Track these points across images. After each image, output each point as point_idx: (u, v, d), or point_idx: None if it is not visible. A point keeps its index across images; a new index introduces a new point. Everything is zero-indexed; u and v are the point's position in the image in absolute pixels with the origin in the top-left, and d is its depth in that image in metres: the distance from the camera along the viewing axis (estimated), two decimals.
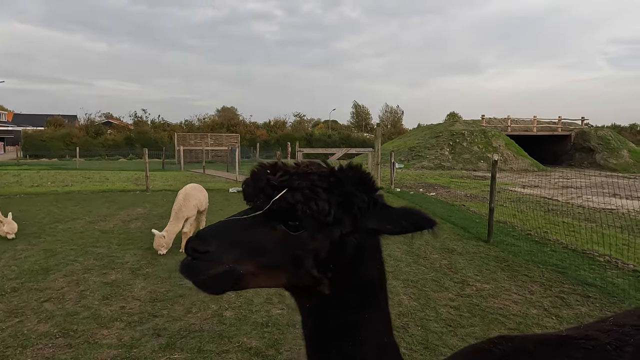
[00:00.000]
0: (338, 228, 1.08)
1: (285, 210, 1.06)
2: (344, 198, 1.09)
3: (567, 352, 1.22)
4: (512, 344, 1.24)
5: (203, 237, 1.07)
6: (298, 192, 1.06)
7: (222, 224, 1.12)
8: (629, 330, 1.33)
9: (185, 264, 1.06)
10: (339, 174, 1.12)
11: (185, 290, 5.32)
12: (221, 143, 44.05)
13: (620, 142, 35.24)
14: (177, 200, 7.23)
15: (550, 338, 1.29)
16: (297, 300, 1.21)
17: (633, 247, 7.57)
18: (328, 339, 1.15)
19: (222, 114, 72.56)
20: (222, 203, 12.95)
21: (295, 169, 1.13)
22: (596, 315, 4.68)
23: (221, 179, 21.68)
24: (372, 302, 1.17)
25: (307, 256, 1.07)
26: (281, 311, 4.70)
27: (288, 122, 74.43)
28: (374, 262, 1.18)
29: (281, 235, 1.08)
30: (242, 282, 1.07)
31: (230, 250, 1.06)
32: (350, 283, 1.13)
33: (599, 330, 1.36)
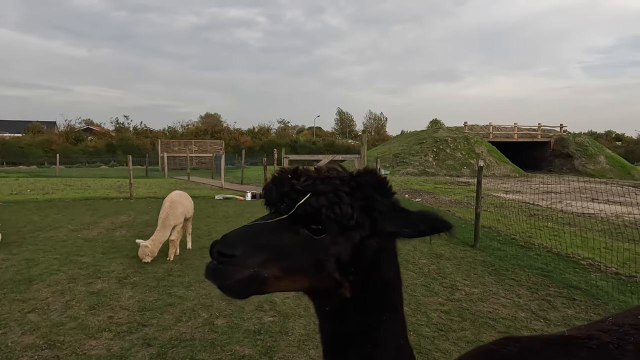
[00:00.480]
0: (359, 231, 1.10)
1: (309, 214, 1.07)
2: (365, 202, 1.11)
3: (572, 351, 1.26)
4: (519, 345, 1.27)
5: (230, 241, 1.07)
6: (322, 197, 1.07)
7: (247, 228, 1.13)
8: (628, 330, 1.37)
9: (212, 268, 1.06)
10: (360, 178, 1.14)
11: (175, 299, 5.25)
12: (205, 150, 43.70)
13: (597, 148, 36.24)
14: (164, 208, 7.13)
15: (555, 338, 1.33)
16: (316, 303, 1.21)
17: (614, 250, 7.79)
18: (347, 343, 1.16)
19: (206, 121, 72.13)
20: (208, 210, 12.83)
21: (317, 174, 1.15)
22: (582, 317, 4.79)
23: (206, 186, 21.49)
24: (390, 305, 1.19)
25: (330, 259, 1.09)
26: (273, 318, 4.68)
27: (272, 128, 74.54)
28: (392, 264, 1.20)
29: (304, 239, 1.09)
30: (266, 285, 1.08)
31: (256, 255, 1.06)
32: (370, 286, 1.15)
33: (600, 330, 1.40)
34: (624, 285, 5.93)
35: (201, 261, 6.99)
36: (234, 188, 20.02)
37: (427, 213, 1.13)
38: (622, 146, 62.04)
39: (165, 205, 7.16)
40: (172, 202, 7.20)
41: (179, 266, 6.70)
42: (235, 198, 15.90)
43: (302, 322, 4.59)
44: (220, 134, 60.22)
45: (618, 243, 8.49)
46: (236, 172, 30.47)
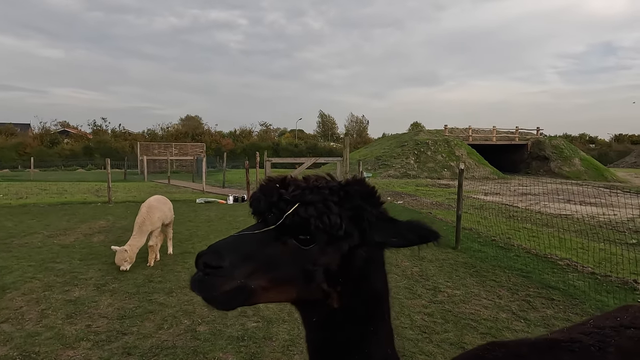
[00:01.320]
0: (347, 241, 1.09)
1: (298, 224, 1.06)
2: (354, 212, 1.10)
3: (557, 354, 1.28)
4: (505, 349, 1.29)
5: (216, 252, 1.05)
6: (311, 207, 1.06)
7: (234, 239, 1.11)
8: (609, 332, 1.40)
9: (197, 280, 1.04)
10: (349, 187, 1.14)
11: (156, 306, 5.15)
12: (186, 152, 43.15)
13: (572, 150, 37.26)
14: (141, 213, 6.96)
15: (540, 342, 1.35)
16: (304, 314, 1.20)
17: (589, 250, 8.00)
18: (334, 353, 1.15)
19: (187, 123, 71.29)
20: (189, 214, 12.65)
21: (305, 183, 1.14)
22: (561, 317, 4.90)
23: (187, 190, 21.20)
24: (378, 314, 1.19)
25: (318, 270, 1.08)
26: (257, 324, 4.63)
27: (254, 131, 74.18)
28: (380, 274, 1.19)
29: (292, 250, 1.08)
30: (254, 297, 1.07)
31: (243, 265, 1.05)
32: (359, 296, 1.14)
33: (582, 333, 1.43)
34: (599, 284, 6.09)
35: (182, 266, 6.88)
36: (216, 191, 19.81)
37: (415, 222, 1.12)
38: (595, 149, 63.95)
39: (142, 210, 7.00)
40: (149, 207, 7.04)
41: (159, 272, 6.58)
42: (217, 202, 15.73)
43: (286, 327, 4.56)
44: (201, 137, 59.55)
45: (593, 243, 8.74)
46: (218, 175, 30.18)
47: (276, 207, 1.09)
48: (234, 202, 15.54)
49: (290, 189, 1.12)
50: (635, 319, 1.46)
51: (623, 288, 5.93)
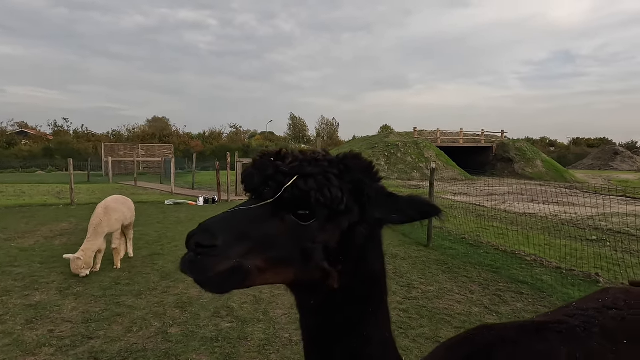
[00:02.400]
0: (347, 218, 1.03)
1: (297, 198, 1.00)
2: (354, 185, 1.05)
3: (545, 336, 1.28)
4: (495, 332, 1.28)
5: (209, 230, 0.97)
6: (311, 179, 1.00)
7: (227, 215, 1.03)
8: (592, 314, 1.42)
9: (189, 261, 0.95)
10: (348, 161, 1.08)
11: (124, 309, 4.94)
12: (154, 154, 42.02)
13: (535, 153, 38.74)
14: (96, 214, 6.49)
15: (528, 324, 1.35)
16: (300, 297, 1.14)
17: (554, 247, 8.30)
18: (332, 338, 1.09)
19: (153, 125, 69.55)
20: (158, 216, 12.29)
21: (302, 155, 1.08)
22: (530, 310, 5.03)
23: (155, 191, 20.62)
24: (377, 296, 1.14)
25: (317, 248, 1.02)
26: (231, 324, 4.51)
27: (224, 133, 73.29)
28: (378, 253, 1.15)
29: (290, 226, 1.01)
30: (249, 278, 0.99)
31: (238, 244, 0.97)
32: (358, 277, 1.09)
33: (567, 315, 1.44)
34: (564, 278, 6.31)
35: (152, 268, 6.65)
36: (185, 193, 19.36)
37: (415, 198, 1.08)
38: (555, 151, 66.84)
39: (98, 211, 6.54)
40: (106, 207, 6.61)
41: (127, 274, 6.33)
42: (186, 203, 15.37)
43: (262, 326, 4.47)
44: (169, 138, 58.24)
45: (557, 240, 9.07)
46: (187, 177, 29.52)
47: (273, 180, 1.02)
48: (205, 204, 15.23)
49: (287, 161, 1.05)
50: (616, 300, 1.49)
51: (586, 281, 6.17)
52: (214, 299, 5.22)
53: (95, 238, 6.33)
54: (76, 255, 6.08)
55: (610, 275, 6.46)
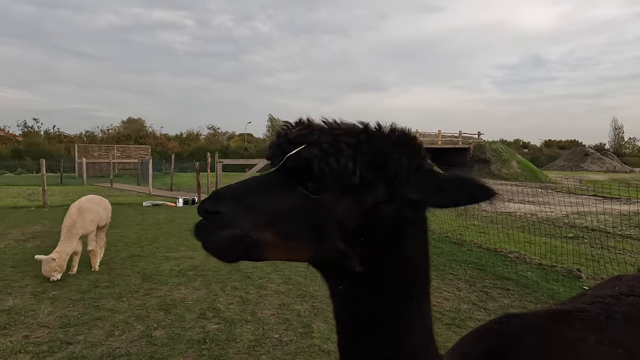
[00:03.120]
0: (369, 194, 0.93)
1: (301, 167, 0.92)
2: (374, 158, 0.94)
3: (570, 323, 1.25)
4: (521, 321, 1.24)
5: (216, 197, 0.96)
6: (315, 147, 0.92)
7: (238, 184, 1.00)
8: (611, 301, 1.40)
9: (198, 225, 0.95)
10: (374, 131, 0.98)
11: (104, 312, 4.73)
12: (130, 155, 41.03)
13: (510, 154, 39.67)
14: (69, 215, 6.14)
15: (552, 312, 1.32)
16: (327, 280, 1.05)
17: (534, 244, 8.46)
18: (370, 329, 1.00)
19: (129, 126, 67.98)
20: (136, 217, 11.95)
21: (321, 125, 1.00)
22: (517, 305, 5.08)
23: (132, 193, 20.11)
24: (420, 285, 1.03)
25: (330, 225, 0.92)
26: (218, 325, 4.38)
27: (202, 134, 72.33)
28: (419, 240, 1.03)
29: (301, 199, 0.94)
30: (259, 251, 0.94)
31: (243, 213, 0.93)
32: (390, 263, 0.99)
33: (586, 303, 1.41)
34: (547, 274, 6.42)
35: (132, 270, 6.43)
36: (164, 194, 18.95)
37: (465, 178, 0.95)
38: (528, 153, 68.62)
39: (71, 211, 6.19)
40: (79, 208, 6.27)
41: (106, 277, 6.09)
42: (165, 204, 15.02)
43: (250, 327, 4.35)
44: (146, 139, 57.03)
45: (537, 237, 9.25)
46: (164, 179, 28.93)
47: (281, 149, 0.97)
48: (185, 205, 14.92)
49: (297, 129, 0.99)
50: (632, 287, 1.47)
51: (569, 277, 6.29)
52: (198, 301, 5.07)
53: (69, 240, 5.99)
54: (50, 256, 5.75)
55: (591, 270, 6.60)
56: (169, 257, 7.27)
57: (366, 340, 1.00)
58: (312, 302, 5.05)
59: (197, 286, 5.66)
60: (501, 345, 1.16)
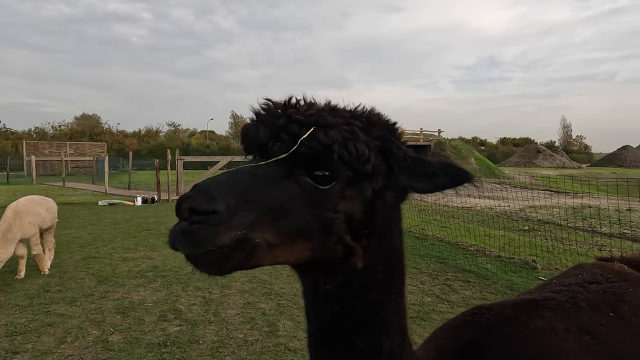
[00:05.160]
0: (371, 182, 0.87)
1: (316, 153, 0.82)
2: (381, 143, 0.88)
3: (541, 313, 1.25)
4: (493, 312, 1.23)
5: (207, 192, 0.76)
6: (334, 130, 0.82)
7: (228, 176, 0.83)
8: (576, 289, 1.42)
9: (182, 231, 0.75)
10: (370, 114, 0.92)
11: (55, 318, 4.45)
12: (84, 153, 39.19)
13: (469, 151, 41.06)
14: (4, 218, 5.62)
15: (521, 302, 1.32)
16: (312, 281, 0.95)
17: (492, 237, 8.74)
18: (351, 329, 0.93)
19: (83, 122, 64.94)
20: (91, 217, 11.39)
21: (317, 105, 0.91)
22: (478, 297, 5.21)
23: (87, 192, 19.19)
24: (399, 278, 1.00)
25: (339, 219, 0.84)
26: (180, 327, 4.21)
27: (161, 131, 70.22)
28: (399, 228, 0.99)
29: (307, 191, 0.84)
30: (256, 256, 0.79)
31: (244, 211, 0.77)
32: (381, 255, 0.93)
33: (552, 292, 1.43)
34: (506, 266, 6.64)
35: (86, 272, 6.09)
36: (121, 193, 18.19)
37: (449, 162, 0.93)
38: (485, 150, 71.29)
39: (7, 214, 5.67)
40: (16, 210, 5.76)
41: (57, 280, 5.74)
42: (122, 203, 14.41)
43: (213, 328, 4.21)
44: (101, 136, 54.68)
45: (495, 231, 9.58)
46: (122, 177, 27.82)
47: (285, 131, 0.84)
48: (144, 204, 14.37)
49: (303, 109, 0.87)
50: (594, 275, 1.50)
51: (525, 267, 6.53)
52: (158, 302, 4.87)
53: (4, 246, 5.45)
54: None
55: (545, 261, 6.90)
56: (126, 258, 6.96)
57: (345, 340, 0.94)
58: (278, 300, 4.97)
59: (157, 287, 5.44)
60: (476, 338, 1.14)
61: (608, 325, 1.26)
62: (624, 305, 1.35)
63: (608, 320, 1.28)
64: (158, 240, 8.28)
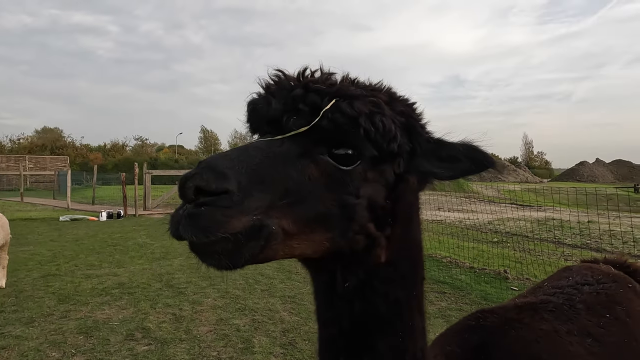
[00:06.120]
0: (393, 165, 0.78)
1: (339, 128, 0.72)
2: (406, 120, 0.80)
3: (542, 315, 1.24)
4: (497, 315, 1.19)
5: (215, 169, 0.64)
6: (359, 101, 0.73)
7: (239, 151, 0.71)
8: (570, 291, 1.41)
9: (189, 215, 0.63)
10: (390, 90, 0.84)
11: (11, 340, 4.11)
12: (45, 167, 37.54)
13: None
14: None
15: (522, 305, 1.29)
16: (329, 279, 0.84)
17: (464, 249, 8.87)
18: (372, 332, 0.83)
19: (44, 136, 62.52)
20: (51, 233, 10.81)
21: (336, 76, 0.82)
22: (454, 307, 5.22)
23: (47, 207, 18.28)
24: (420, 274, 0.91)
25: (361, 204, 0.75)
26: (148, 347, 3.98)
27: (128, 145, 68.43)
28: (419, 218, 0.91)
29: (326, 172, 0.74)
30: (272, 246, 0.68)
31: (258, 193, 0.66)
32: (405, 247, 0.85)
33: (547, 294, 1.41)
34: (479, 276, 6.72)
35: (45, 291, 5.71)
36: (84, 208, 17.44)
37: (471, 144, 0.85)
38: None
39: None
40: None
41: (13, 300, 5.35)
42: (86, 219, 13.79)
43: (185, 346, 4.00)
44: (64, 150, 52.67)
45: (466, 243, 9.73)
46: (85, 192, 26.76)
47: (304, 101, 0.74)
48: (109, 219, 13.80)
49: (323, 78, 0.78)
50: (585, 277, 1.50)
51: (497, 278, 6.62)
52: (125, 321, 4.60)
53: None
54: None
55: (515, 271, 7.03)
56: (90, 275, 6.59)
57: (366, 344, 0.84)
58: (252, 316, 4.80)
59: (124, 305, 5.15)
60: (484, 341, 1.10)
61: (606, 326, 1.25)
62: (616, 305, 1.35)
63: (605, 322, 1.27)
64: (125, 256, 7.92)
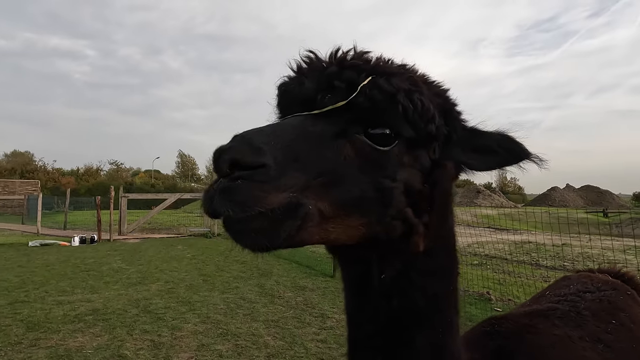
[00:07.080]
0: (427, 150, 0.76)
1: (376, 105, 0.69)
2: (442, 102, 0.78)
3: (553, 321, 1.23)
4: (511, 322, 1.18)
5: (251, 143, 0.61)
6: (397, 78, 0.71)
7: (273, 127, 0.67)
8: (574, 298, 1.42)
9: (223, 189, 0.59)
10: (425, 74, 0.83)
11: None
12: (14, 191, 36.18)
13: None
14: None
15: (531, 312, 1.28)
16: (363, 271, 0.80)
17: None
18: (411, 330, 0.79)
19: (13, 159, 60.66)
20: (19, 259, 10.30)
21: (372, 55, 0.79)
22: None
23: (16, 232, 17.51)
24: (455, 266, 0.87)
25: (398, 188, 0.72)
26: None
27: (103, 170, 66.93)
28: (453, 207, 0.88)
29: (363, 152, 0.70)
30: (308, 228, 0.64)
31: (294, 170, 0.62)
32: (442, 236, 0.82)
33: (551, 302, 1.41)
34: (462, 298, 6.71)
35: (13, 319, 5.39)
36: (55, 234, 16.78)
37: (506, 135, 0.81)
38: None
39: None
40: None
41: None
42: (57, 244, 13.24)
43: None
44: (34, 174, 51.05)
45: None
46: (56, 217, 25.85)
47: (339, 78, 0.70)
48: (82, 244, 13.29)
49: (360, 55, 0.76)
50: (585, 285, 1.51)
51: (481, 299, 6.64)
52: (99, 349, 4.36)
53: None
54: None
55: (498, 292, 7.07)
56: (61, 301, 6.27)
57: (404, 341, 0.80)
58: (235, 341, 4.63)
59: (98, 332, 4.89)
60: (502, 346, 1.09)
61: (613, 332, 1.26)
62: (620, 312, 1.36)
63: (612, 328, 1.27)
64: (99, 281, 7.60)
